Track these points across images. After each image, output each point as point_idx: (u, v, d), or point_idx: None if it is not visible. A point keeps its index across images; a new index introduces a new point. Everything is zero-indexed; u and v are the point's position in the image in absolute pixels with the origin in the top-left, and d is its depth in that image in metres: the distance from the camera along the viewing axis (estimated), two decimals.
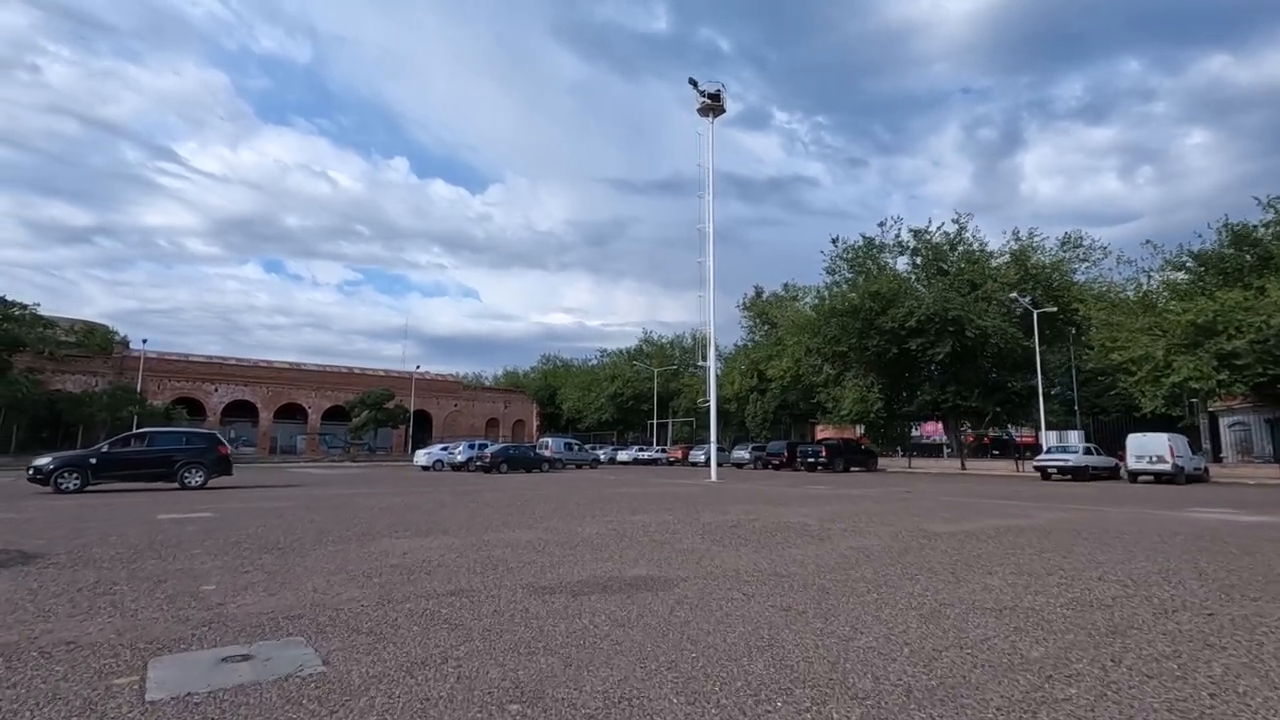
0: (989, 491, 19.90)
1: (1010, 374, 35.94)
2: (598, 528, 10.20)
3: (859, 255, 39.91)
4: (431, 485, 21.71)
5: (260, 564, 6.92)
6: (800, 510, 13.30)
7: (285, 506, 13.57)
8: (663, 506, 13.96)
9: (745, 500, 15.81)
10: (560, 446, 39.35)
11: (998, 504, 15.21)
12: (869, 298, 35.74)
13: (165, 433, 19.70)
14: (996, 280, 35.27)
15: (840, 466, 34.18)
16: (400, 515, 11.88)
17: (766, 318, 50.47)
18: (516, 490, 19.10)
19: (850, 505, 14.59)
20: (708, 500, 15.75)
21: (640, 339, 71.04)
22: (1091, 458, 26.53)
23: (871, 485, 22.87)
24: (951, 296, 33.97)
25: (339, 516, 11.59)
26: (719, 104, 27.71)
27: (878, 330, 36.03)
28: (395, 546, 8.18)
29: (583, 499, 15.93)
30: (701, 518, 11.73)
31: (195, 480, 18.96)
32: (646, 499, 16.07)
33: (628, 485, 22.25)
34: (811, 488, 21.11)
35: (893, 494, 18.46)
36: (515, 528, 10.14)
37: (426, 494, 17.41)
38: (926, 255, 38.39)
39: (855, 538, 9.24)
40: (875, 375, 38.76)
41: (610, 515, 12.16)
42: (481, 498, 16.21)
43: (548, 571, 6.60)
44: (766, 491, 19.22)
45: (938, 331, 33.84)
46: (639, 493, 18.32)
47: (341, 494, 17.28)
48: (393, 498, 16.04)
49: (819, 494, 18.17)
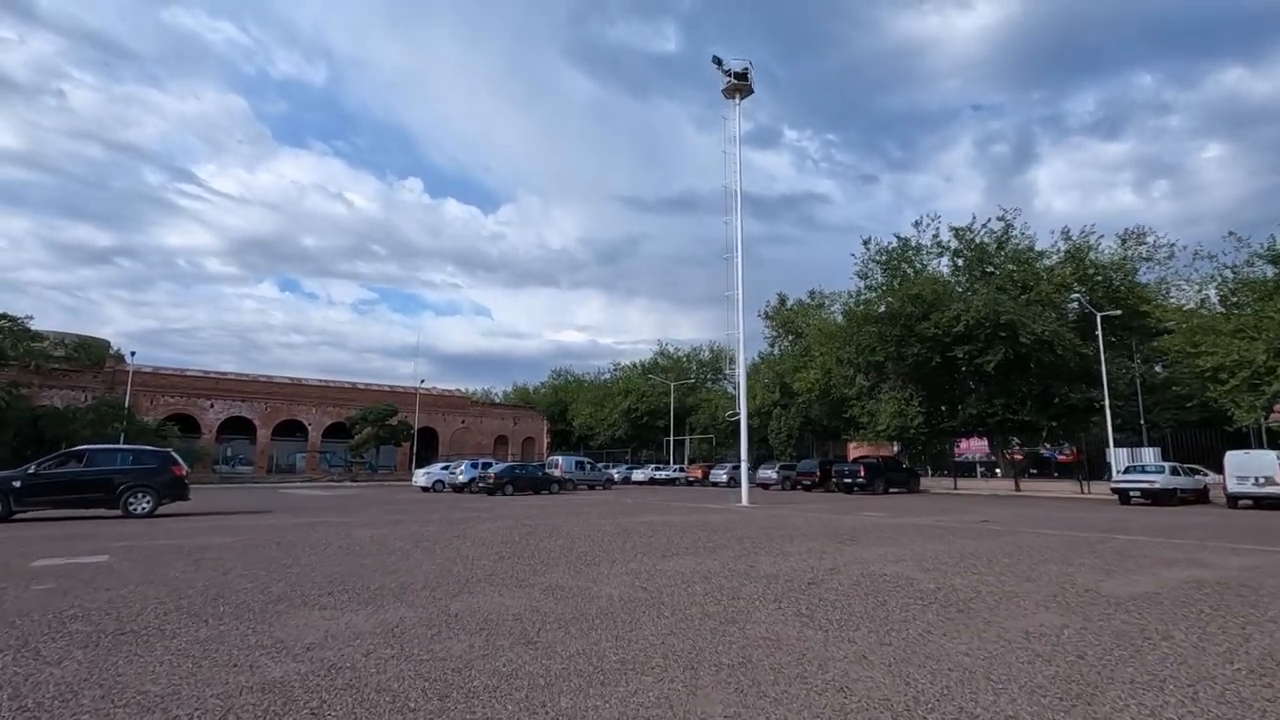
0: (1084, 520, 16.61)
1: (1066, 385, 32.52)
2: (619, 586, 7.16)
3: (893, 258, 36.78)
4: (422, 511, 18.73)
5: (49, 677, 3.95)
6: (881, 551, 10.17)
7: (220, 546, 10.63)
8: (700, 544, 10.88)
9: (800, 534, 12.69)
10: (571, 465, 36.26)
11: (1125, 541, 11.98)
12: (909, 301, 32.60)
13: (107, 450, 16.89)
14: (1050, 281, 31.98)
15: (880, 488, 30.83)
16: (356, 561, 8.89)
17: (791, 327, 47.31)
18: (518, 518, 16.08)
19: (938, 542, 11.43)
20: (752, 534, 12.65)
21: (656, 351, 67.88)
22: (1179, 478, 23.09)
23: (932, 511, 19.62)
24: (1003, 299, 30.75)
25: (273, 564, 8.63)
26: (746, 83, 24.91)
27: (918, 337, 32.83)
28: (309, 628, 5.20)
29: (596, 532, 12.88)
30: (759, 566, 8.65)
31: (141, 506, 16.10)
32: (675, 531, 12.99)
33: (649, 511, 19.16)
34: (866, 515, 17.91)
35: (969, 524, 15.24)
36: (502, 584, 7.13)
37: (408, 525, 14.43)
38: (969, 255, 35.19)
39: (1010, 609, 6.14)
40: (914, 387, 35.49)
41: (634, 559, 9.11)
42: (473, 530, 13.20)
43: (538, 709, 3.57)
44: (817, 521, 16.06)
45: (988, 337, 30.60)
46: (664, 522, 15.24)
47: (308, 525, 14.33)
48: (365, 530, 13.07)
49: (882, 524, 15.00)
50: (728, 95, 25.36)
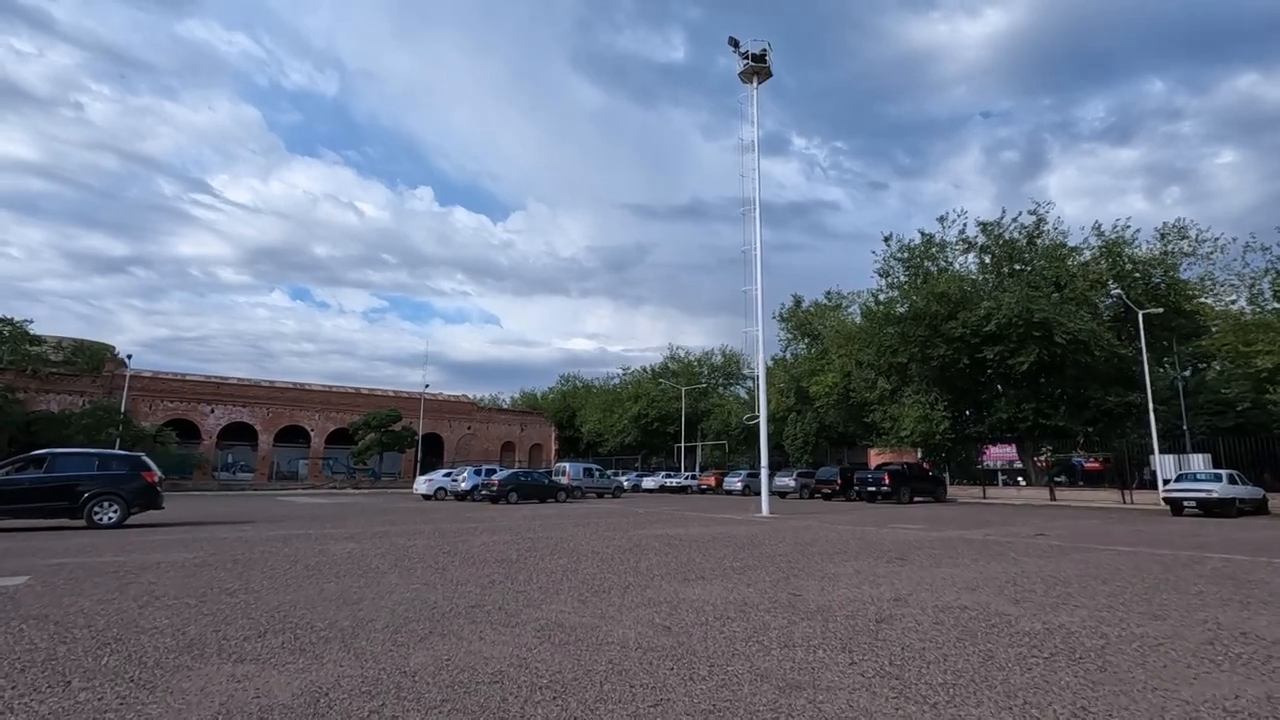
0: (1151, 534, 14.90)
1: (1102, 388, 30.67)
2: (635, 625, 5.61)
3: (916, 255, 35.10)
4: (415, 521, 17.23)
5: None
6: (944, 573, 8.56)
7: (167, 565, 9.16)
8: (726, 564, 9.30)
9: (838, 551, 11.08)
10: (579, 473, 34.64)
11: (1222, 561, 10.29)
12: (935, 300, 30.91)
13: (72, 455, 15.47)
14: (1085, 278, 30.21)
15: (905, 497, 29.09)
16: (315, 587, 7.39)
17: (807, 329, 45.58)
18: (519, 530, 14.54)
19: (1003, 562, 9.80)
20: (783, 551, 11.05)
21: (666, 355, 66.21)
22: (1239, 488, 21.25)
23: (973, 523, 17.92)
24: (1036, 297, 29.00)
25: (212, 591, 7.15)
26: (764, 65, 23.44)
27: (945, 338, 31.15)
28: (204, 696, 3.69)
29: (606, 548, 11.33)
30: (805, 594, 7.07)
31: (108, 516, 14.71)
32: (695, 547, 11.42)
33: (663, 522, 17.58)
34: (902, 528, 16.25)
35: (1024, 539, 13.56)
36: (486, 622, 5.59)
37: (395, 538, 12.92)
38: (997, 252, 33.46)
39: (1165, 665, 4.54)
40: (939, 390, 33.72)
41: (651, 585, 7.56)
42: (467, 544, 11.67)
43: None
44: (852, 535, 14.42)
45: (1020, 338, 28.86)
46: (682, 536, 13.66)
47: (283, 538, 12.86)
48: (345, 544, 11.58)
49: (926, 539, 13.35)
50: (745, 79, 23.90)
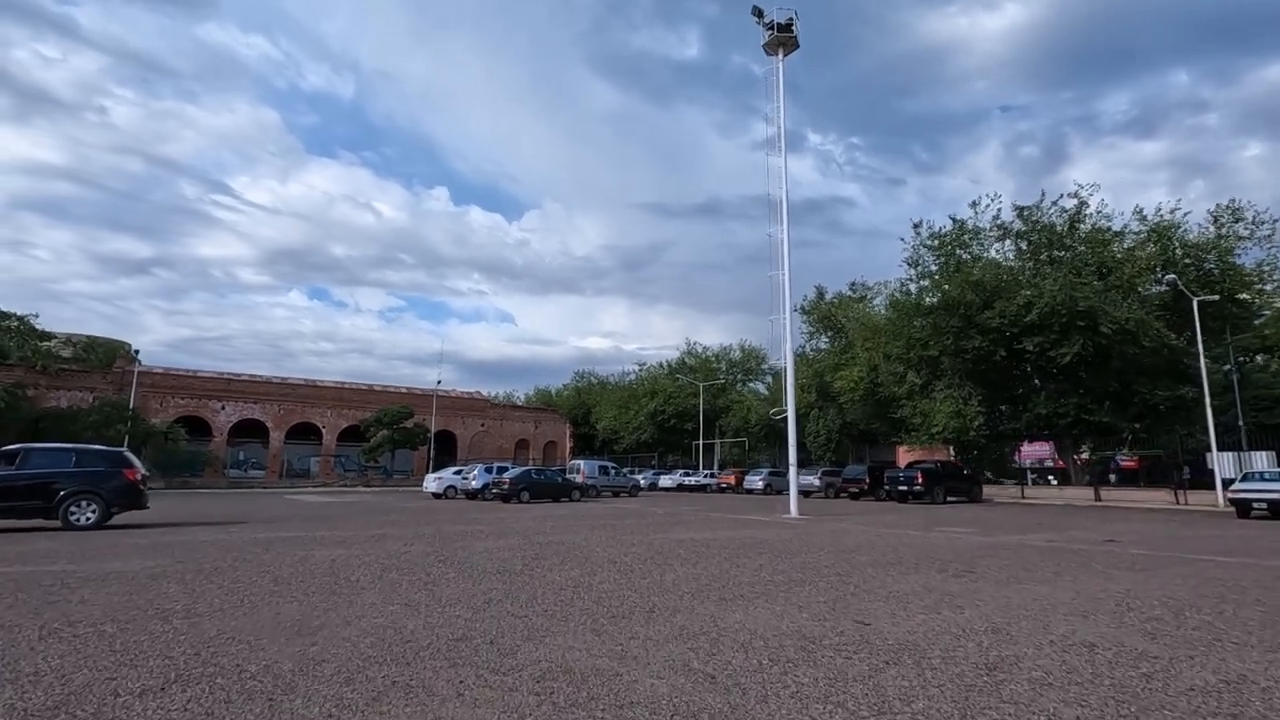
0: (1230, 541, 13.25)
1: (1151, 381, 28.77)
2: (666, 668, 4.20)
3: (947, 242, 33.30)
4: (417, 523, 15.98)
5: None
6: (1032, 593, 7.08)
7: (115, 576, 7.92)
8: (766, 577, 7.88)
9: (890, 561, 9.61)
10: (594, 470, 33.29)
11: None
12: (969, 289, 29.18)
13: (47, 450, 14.34)
14: (1132, 265, 28.33)
15: (940, 496, 27.44)
16: (270, 609, 6.08)
17: (831, 322, 43.86)
18: (529, 533, 13.21)
19: (1093, 577, 8.29)
20: (827, 560, 9.60)
21: (683, 351, 64.63)
22: None
23: (1027, 526, 16.34)
24: (1080, 285, 27.20)
25: (147, 614, 5.86)
26: (790, 35, 21.89)
27: (979, 328, 29.43)
28: None
29: (625, 555, 9.95)
30: (876, 623, 5.63)
31: (85, 517, 13.60)
32: (726, 555, 10.00)
33: (685, 524, 16.18)
34: (951, 532, 14.72)
35: (1094, 546, 12.00)
36: (469, 663, 4.22)
37: (389, 542, 11.64)
38: (1036, 238, 31.62)
39: None
40: (973, 385, 31.97)
41: (681, 607, 6.15)
42: (467, 551, 10.35)
43: None
44: (899, 540, 12.93)
45: (1063, 328, 27.07)
46: (708, 541, 12.25)
47: (266, 541, 11.63)
48: (331, 550, 10.31)
49: (985, 545, 11.83)
50: (769, 51, 22.39)
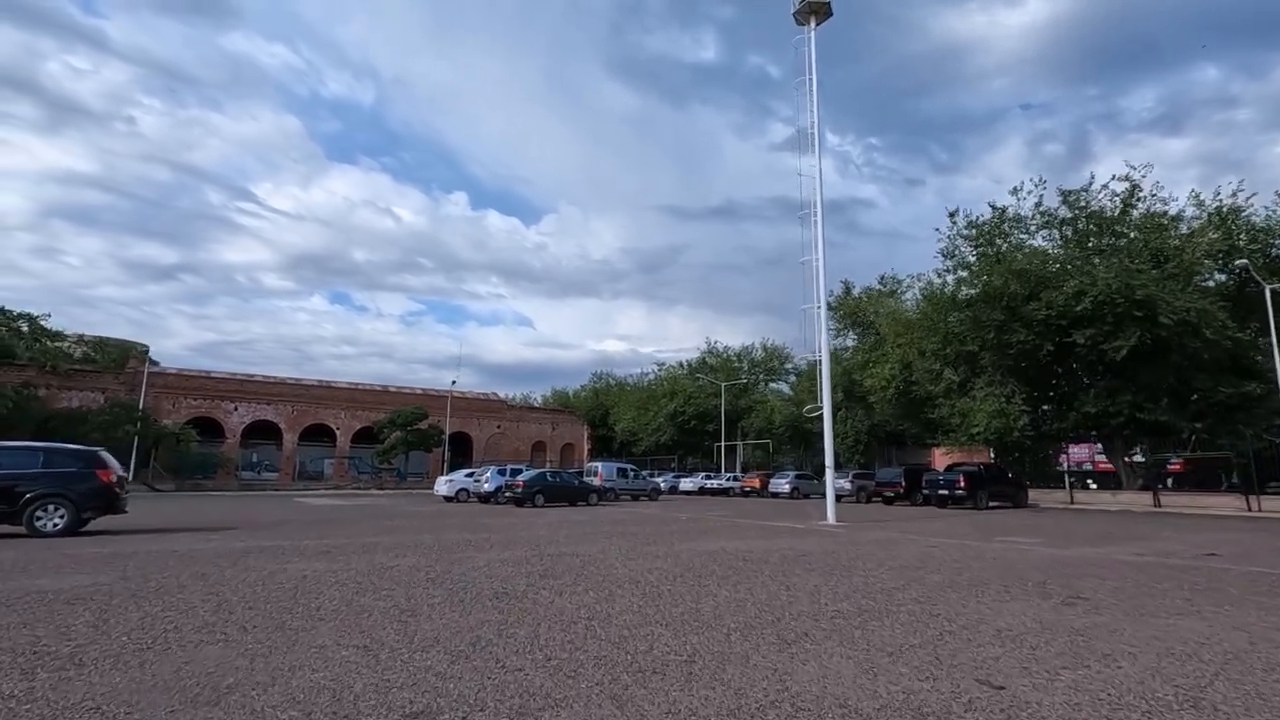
0: None
1: (1212, 376, 26.61)
2: None
3: (985, 232, 31.31)
4: (418, 531, 14.53)
5: None
6: (1188, 630, 5.39)
7: (40, 598, 6.51)
8: (826, 605, 6.25)
9: (969, 582, 7.94)
10: (612, 473, 31.72)
11: None
12: (1014, 279, 27.25)
13: (10, 449, 13.06)
14: (1193, 251, 26.21)
15: (983, 501, 25.53)
16: (185, 656, 4.59)
17: (858, 318, 41.96)
18: (539, 543, 11.70)
19: (1250, 608, 6.56)
20: (891, 580, 7.95)
21: (703, 350, 62.90)
22: None
23: (1091, 536, 14.51)
24: (1137, 272, 25.17)
25: (18, 661, 4.39)
26: (824, 2, 20.26)
27: (1024, 321, 27.48)
28: None
29: (649, 574, 8.39)
30: (1010, 684, 3.99)
31: (53, 522, 12.36)
32: (769, 572, 8.40)
33: (714, 532, 14.56)
34: (1014, 544, 12.96)
35: (1192, 558, 10.19)
36: None
37: (378, 554, 10.17)
38: (1083, 225, 29.57)
39: None
40: (1015, 382, 29.97)
41: (731, 656, 4.56)
42: (464, 567, 8.85)
43: None
44: (961, 553, 11.21)
45: (1117, 319, 25.06)
46: (743, 552, 10.64)
47: (243, 552, 10.22)
48: (311, 563, 8.87)
49: (1065, 560, 10.10)
50: (800, 20, 20.81)
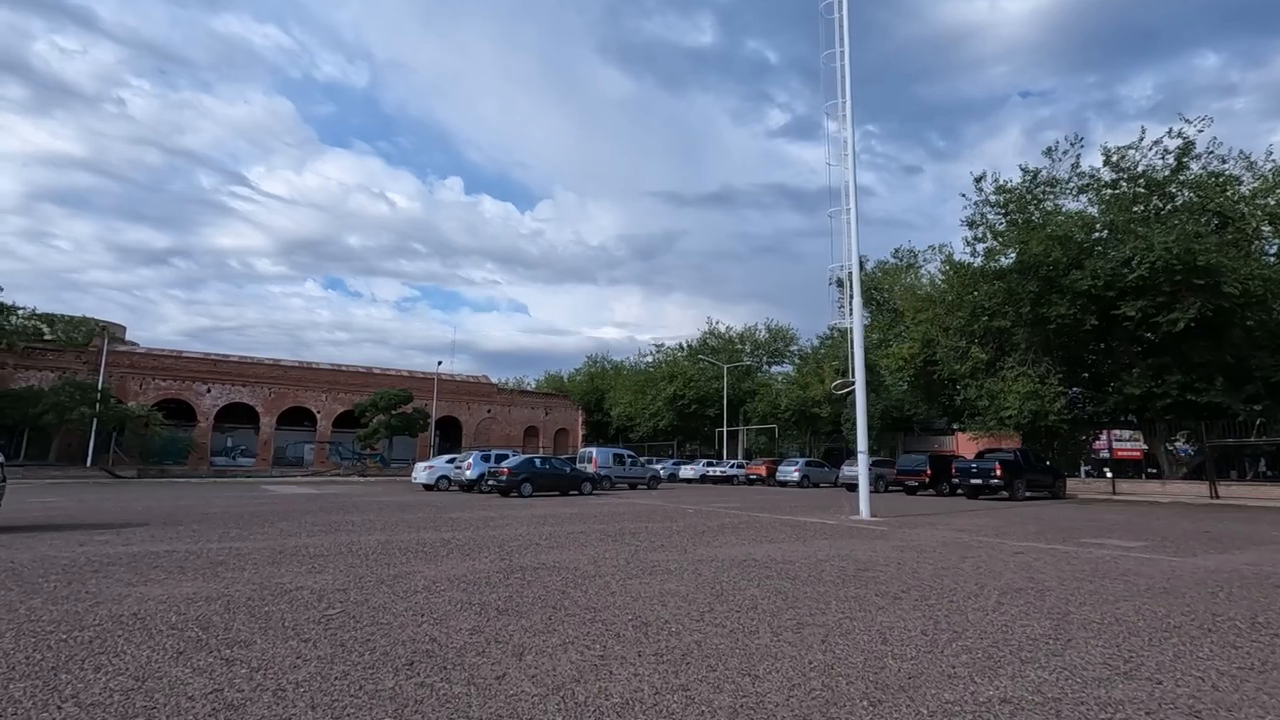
0: None
1: (1273, 355, 24.02)
2: None
3: (1015, 198, 28.54)
4: (368, 529, 11.83)
5: None
6: None
7: None
8: (946, 659, 3.59)
9: (1132, 619, 5.30)
10: (607, 459, 29.10)
11: None
12: (1054, 245, 24.53)
13: None
14: (1259, 214, 23.51)
15: (1020, 492, 22.96)
16: None
17: (873, 295, 39.27)
18: (513, 549, 9.01)
19: None
20: (1042, 627, 5.30)
21: (704, 331, 60.01)
22: None
23: (1176, 534, 11.90)
24: (1197, 236, 22.47)
25: None
26: None
27: (1064, 292, 24.81)
28: None
29: (659, 605, 5.71)
30: None
31: None
32: (840, 602, 5.76)
33: (729, 530, 11.91)
34: (1101, 547, 10.33)
35: None
36: None
37: (282, 571, 7.47)
38: (1130, 188, 26.80)
39: None
40: (1050, 360, 27.35)
41: None
42: (382, 598, 6.17)
43: None
44: (1053, 562, 8.57)
45: (1175, 288, 22.41)
46: (783, 563, 7.97)
47: (113, 559, 7.52)
48: (182, 585, 6.18)
49: (1182, 570, 7.47)
50: None
